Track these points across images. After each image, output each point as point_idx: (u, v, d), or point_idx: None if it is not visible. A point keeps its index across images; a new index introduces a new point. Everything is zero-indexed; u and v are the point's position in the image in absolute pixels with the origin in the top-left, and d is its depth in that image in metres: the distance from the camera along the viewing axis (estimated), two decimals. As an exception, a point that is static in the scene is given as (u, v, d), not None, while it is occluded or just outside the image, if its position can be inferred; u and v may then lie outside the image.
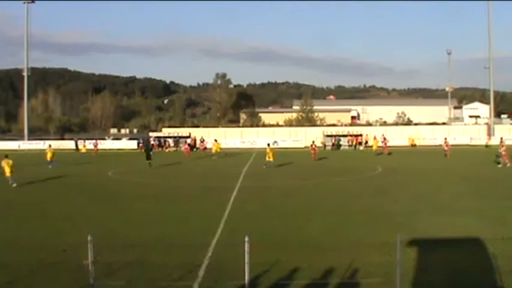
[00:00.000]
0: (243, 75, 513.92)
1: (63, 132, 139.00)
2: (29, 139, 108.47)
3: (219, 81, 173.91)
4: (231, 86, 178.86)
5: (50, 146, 68.80)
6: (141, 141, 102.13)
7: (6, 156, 46.50)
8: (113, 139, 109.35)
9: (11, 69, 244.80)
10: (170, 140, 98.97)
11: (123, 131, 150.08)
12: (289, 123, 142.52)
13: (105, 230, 23.65)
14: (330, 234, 23.32)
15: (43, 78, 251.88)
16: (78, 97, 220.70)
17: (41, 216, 29.26)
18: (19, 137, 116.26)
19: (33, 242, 22.26)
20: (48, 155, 62.36)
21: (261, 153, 62.53)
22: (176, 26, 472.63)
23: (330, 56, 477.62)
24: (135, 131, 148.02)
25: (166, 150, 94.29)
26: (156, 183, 44.60)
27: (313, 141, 72.52)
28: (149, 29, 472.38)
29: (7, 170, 45.02)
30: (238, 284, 15.32)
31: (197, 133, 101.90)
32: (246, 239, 13.73)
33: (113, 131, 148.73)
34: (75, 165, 65.32)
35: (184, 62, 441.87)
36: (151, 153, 62.34)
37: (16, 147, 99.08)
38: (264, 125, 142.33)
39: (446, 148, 70.63)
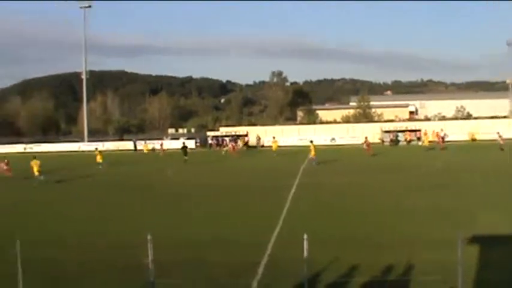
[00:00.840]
0: (299, 73, 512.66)
1: (121, 134, 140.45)
2: (88, 141, 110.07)
3: (275, 79, 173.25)
4: (287, 83, 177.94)
5: (96, 149, 70.43)
6: (198, 140, 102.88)
7: (35, 158, 50.47)
8: (171, 139, 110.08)
9: (70, 73, 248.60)
10: (228, 139, 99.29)
11: (180, 131, 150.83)
12: (346, 120, 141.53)
13: (164, 229, 23.80)
14: (387, 231, 23.15)
15: (101, 80, 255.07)
16: (135, 98, 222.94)
17: (101, 216, 29.78)
18: (79, 138, 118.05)
19: (94, 241, 22.73)
20: (98, 158, 63.79)
21: (319, 150, 62.32)
22: (231, 25, 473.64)
23: (386, 51, 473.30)
24: (192, 130, 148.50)
25: (224, 149, 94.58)
26: (215, 183, 44.77)
27: (366, 138, 72.14)
28: (205, 29, 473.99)
29: (35, 170, 48.82)
30: (297, 282, 15.34)
31: (254, 131, 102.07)
32: (305, 236, 13.73)
33: (171, 131, 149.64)
34: (134, 165, 66.17)
35: (240, 60, 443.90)
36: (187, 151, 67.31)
37: (76, 149, 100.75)
38: (321, 122, 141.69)
39: (501, 142, 69.63)
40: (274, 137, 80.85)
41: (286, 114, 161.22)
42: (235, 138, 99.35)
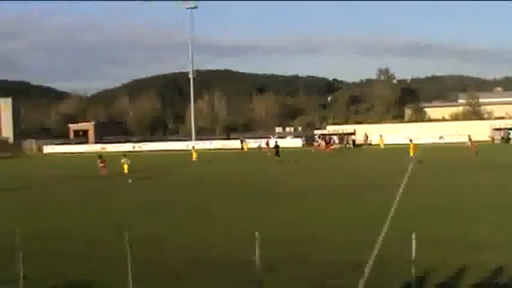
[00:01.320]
0: (406, 70, 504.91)
1: (228, 132, 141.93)
2: (196, 139, 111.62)
3: (382, 77, 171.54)
4: (394, 81, 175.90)
5: (193, 147, 72.00)
6: (304, 139, 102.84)
7: (125, 156, 53.55)
8: (278, 137, 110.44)
9: (177, 72, 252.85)
10: (335, 137, 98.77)
11: (287, 129, 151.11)
12: (455, 118, 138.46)
13: (269, 227, 23.74)
14: (499, 232, 22.47)
15: (208, 80, 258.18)
16: (242, 97, 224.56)
17: (206, 215, 30.10)
18: (187, 137, 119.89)
19: (200, 239, 22.98)
20: (194, 156, 65.14)
21: (428, 149, 61.00)
22: (337, 23, 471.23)
23: (496, 47, 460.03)
24: (299, 129, 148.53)
25: (331, 147, 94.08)
26: (320, 182, 44.61)
27: (469, 136, 70.70)
28: (311, 27, 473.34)
29: (125, 167, 51.78)
30: (405, 282, 15.05)
31: (361, 130, 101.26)
32: (413, 236, 13.43)
33: (278, 129, 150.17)
34: (240, 163, 66.71)
35: (346, 58, 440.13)
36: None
37: (184, 147, 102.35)
38: (429, 120, 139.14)
39: None
40: (381, 135, 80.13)
41: (394, 112, 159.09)
42: (324, 137, 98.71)
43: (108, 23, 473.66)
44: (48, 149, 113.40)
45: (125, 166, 52.71)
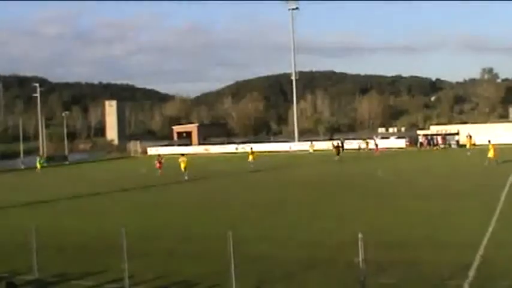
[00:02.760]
0: (510, 69, 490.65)
1: (331, 133, 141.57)
2: (299, 140, 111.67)
3: (485, 76, 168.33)
4: (499, 80, 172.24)
5: (251, 148, 71.94)
6: (408, 139, 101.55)
7: (183, 155, 56.89)
8: (381, 138, 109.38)
9: (280, 74, 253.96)
10: (439, 138, 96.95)
11: (390, 130, 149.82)
12: None
13: (374, 228, 23.68)
14: None
15: (311, 81, 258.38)
16: (345, 98, 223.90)
17: (312, 215, 30.10)
18: (289, 138, 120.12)
19: (305, 239, 23.06)
20: (251, 157, 66.29)
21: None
22: (441, 22, 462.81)
23: None
24: (402, 129, 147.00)
25: (435, 148, 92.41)
26: (424, 183, 43.95)
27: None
28: (413, 26, 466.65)
29: (182, 166, 54.73)
30: (511, 285, 14.66)
31: (465, 130, 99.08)
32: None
33: (381, 130, 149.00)
34: (342, 164, 66.46)
35: (449, 58, 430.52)
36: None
37: (287, 149, 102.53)
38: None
39: None
40: (469, 136, 79.19)
41: (499, 112, 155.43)
42: (427, 137, 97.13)
43: (213, 25, 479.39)
44: (152, 150, 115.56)
45: (182, 165, 55.57)
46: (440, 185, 41.76)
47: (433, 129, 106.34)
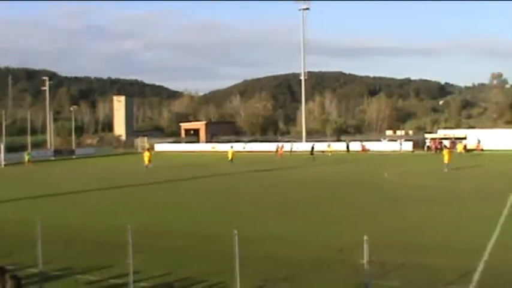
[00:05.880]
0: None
1: (339, 134, 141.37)
2: (306, 141, 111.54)
3: (494, 81, 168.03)
4: (508, 85, 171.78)
5: (232, 147, 77.77)
6: (413, 143, 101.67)
7: (148, 150, 66.37)
8: (388, 140, 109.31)
9: (289, 74, 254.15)
10: (446, 142, 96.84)
11: (398, 132, 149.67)
12: None
13: (381, 231, 23.81)
14: None
15: (319, 81, 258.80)
16: (353, 99, 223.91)
17: (320, 216, 30.16)
18: (297, 138, 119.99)
19: (313, 240, 23.14)
20: (230, 155, 71.32)
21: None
22: (449, 25, 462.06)
23: None
24: (410, 132, 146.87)
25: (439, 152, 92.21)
26: (432, 185, 43.89)
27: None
28: (423, 29, 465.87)
29: (146, 159, 62.82)
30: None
31: (473, 134, 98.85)
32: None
33: (389, 132, 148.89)
34: (348, 165, 66.47)
35: (459, 62, 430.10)
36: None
37: (295, 149, 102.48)
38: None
39: None
40: (462, 141, 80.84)
41: (506, 118, 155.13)
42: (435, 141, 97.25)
43: (223, 24, 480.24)
44: (159, 147, 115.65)
45: (146, 158, 63.10)
46: (446, 187, 41.79)
47: (441, 133, 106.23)
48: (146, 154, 65.25)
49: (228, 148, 79.24)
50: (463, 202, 34.07)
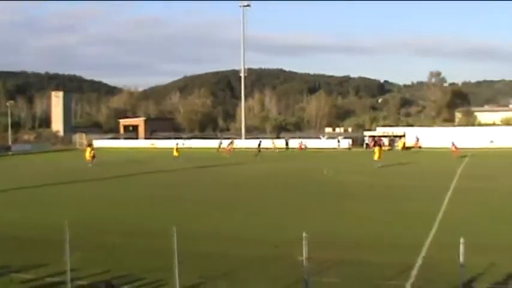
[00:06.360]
0: (457, 73, 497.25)
1: (278, 131, 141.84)
2: (246, 138, 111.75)
3: (433, 80, 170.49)
4: (446, 84, 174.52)
5: (177, 144, 77.52)
6: (351, 140, 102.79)
7: (90, 146, 68.95)
8: (327, 138, 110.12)
9: (229, 70, 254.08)
10: (385, 139, 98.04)
11: (337, 130, 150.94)
12: (506, 122, 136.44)
13: (319, 228, 23.91)
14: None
15: (259, 78, 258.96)
16: (293, 97, 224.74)
17: (257, 212, 30.24)
18: (236, 135, 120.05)
19: (253, 237, 23.17)
20: (175, 152, 70.94)
21: (477, 153, 60.27)
22: (390, 24, 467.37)
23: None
24: (349, 130, 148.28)
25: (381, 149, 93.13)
26: (370, 182, 44.34)
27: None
28: (363, 28, 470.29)
29: (87, 156, 63.37)
30: (452, 286, 14.90)
31: (411, 132, 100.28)
32: (462, 240, 13.30)
33: (328, 130, 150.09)
34: (288, 162, 66.76)
35: (398, 60, 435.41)
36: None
37: (234, 146, 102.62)
38: (479, 124, 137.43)
39: None
40: (402, 138, 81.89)
41: (444, 116, 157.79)
42: (374, 138, 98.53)
43: (164, 19, 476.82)
44: (98, 143, 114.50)
45: (87, 154, 63.62)
46: (383, 185, 42.27)
47: (380, 130, 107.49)
48: (88, 150, 65.64)
49: (173, 145, 78.90)
50: (402, 199, 34.52)
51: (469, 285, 15.32)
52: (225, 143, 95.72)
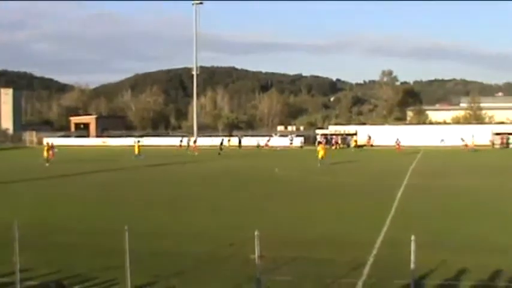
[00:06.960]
0: (409, 72, 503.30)
1: (231, 129, 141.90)
2: (198, 136, 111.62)
3: (385, 79, 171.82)
4: (398, 83, 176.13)
5: (138, 141, 78.60)
6: (303, 138, 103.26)
7: (48, 144, 66.09)
8: (279, 136, 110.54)
9: (181, 68, 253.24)
10: (337, 137, 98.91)
11: (289, 128, 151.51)
12: (456, 121, 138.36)
13: (272, 226, 23.95)
14: (500, 234, 22.50)
15: (212, 76, 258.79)
16: (245, 95, 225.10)
17: (210, 210, 30.16)
18: (189, 133, 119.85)
19: (206, 235, 23.04)
20: (136, 149, 71.53)
21: (428, 151, 61.09)
22: (347, 24, 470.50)
23: (499, 52, 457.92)
24: (301, 128, 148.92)
25: (333, 147, 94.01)
26: (321, 180, 44.65)
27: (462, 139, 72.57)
28: (316, 27, 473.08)
29: (45, 154, 61.88)
30: (403, 283, 15.07)
31: (363, 131, 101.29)
32: (412, 237, 13.43)
33: (280, 128, 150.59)
34: (239, 160, 66.83)
35: (350, 59, 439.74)
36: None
37: (184, 143, 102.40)
38: (431, 123, 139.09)
39: None
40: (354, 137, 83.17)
41: (396, 114, 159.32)
42: (326, 136, 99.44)
43: (116, 16, 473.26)
44: (48, 141, 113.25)
45: (45, 153, 62.65)
46: (336, 183, 42.58)
47: (332, 129, 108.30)
48: (45, 148, 64.78)
49: (131, 142, 78.76)
50: (354, 197, 34.78)
51: (420, 282, 15.51)
52: (185, 140, 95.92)
